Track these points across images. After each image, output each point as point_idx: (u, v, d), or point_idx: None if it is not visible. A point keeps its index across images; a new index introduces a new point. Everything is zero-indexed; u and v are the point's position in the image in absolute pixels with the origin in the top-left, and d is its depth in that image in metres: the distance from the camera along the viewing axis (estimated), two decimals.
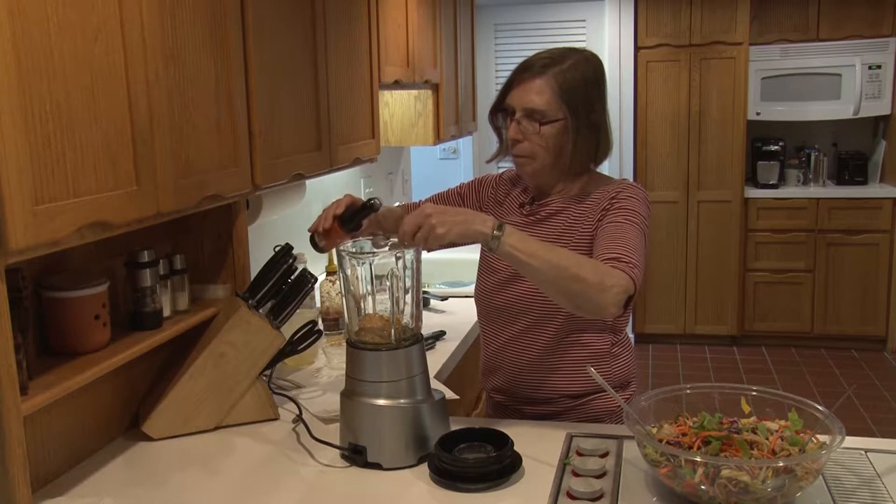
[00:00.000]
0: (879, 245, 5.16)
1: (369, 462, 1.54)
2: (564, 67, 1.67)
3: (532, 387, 1.80)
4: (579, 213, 1.72)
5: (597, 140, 1.72)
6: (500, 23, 5.52)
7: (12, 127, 1.12)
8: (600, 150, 1.75)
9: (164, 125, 1.48)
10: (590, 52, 1.74)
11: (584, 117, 1.68)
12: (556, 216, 1.75)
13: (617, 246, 1.57)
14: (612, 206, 1.67)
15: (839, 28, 5.13)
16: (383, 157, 3.49)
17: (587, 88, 1.69)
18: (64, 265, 1.59)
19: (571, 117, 1.66)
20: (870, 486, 1.39)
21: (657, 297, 5.50)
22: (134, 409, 1.79)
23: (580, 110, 1.67)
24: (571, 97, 1.66)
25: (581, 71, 1.68)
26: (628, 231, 1.61)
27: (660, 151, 5.37)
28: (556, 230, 1.74)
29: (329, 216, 1.74)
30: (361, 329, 1.60)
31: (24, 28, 1.14)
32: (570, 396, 1.78)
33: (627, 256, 1.54)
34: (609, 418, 1.78)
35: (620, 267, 1.52)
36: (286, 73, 1.98)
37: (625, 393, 1.81)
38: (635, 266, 1.54)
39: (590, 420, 1.78)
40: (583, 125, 1.68)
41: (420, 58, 3.03)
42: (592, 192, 1.73)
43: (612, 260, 1.53)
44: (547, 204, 1.77)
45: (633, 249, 1.57)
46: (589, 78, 1.69)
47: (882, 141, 5.35)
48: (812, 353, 5.28)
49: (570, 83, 1.66)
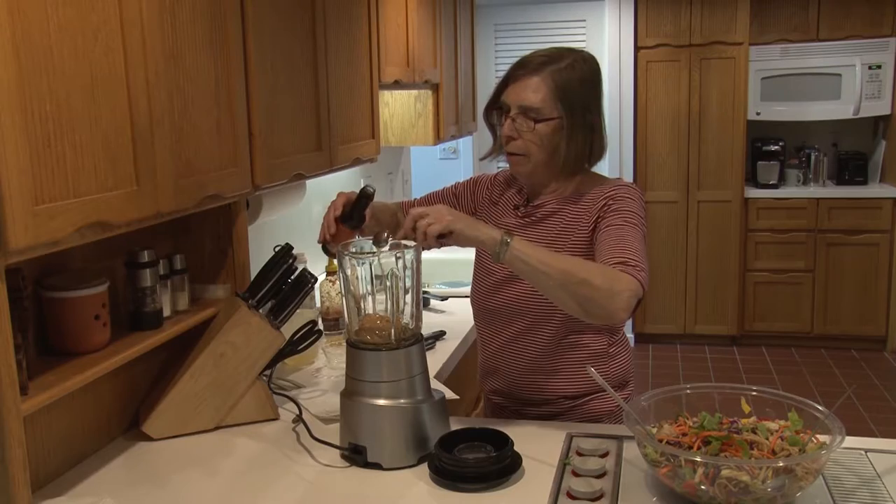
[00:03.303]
0: (879, 245, 5.16)
1: (369, 462, 1.54)
2: (562, 66, 1.67)
3: (530, 389, 1.80)
4: (575, 215, 1.71)
5: (591, 141, 1.71)
6: (500, 23, 5.52)
7: (12, 127, 1.12)
8: (594, 152, 1.74)
9: (164, 125, 1.48)
10: (587, 52, 1.74)
11: (580, 117, 1.68)
12: (551, 217, 1.74)
13: (622, 250, 1.57)
14: (609, 209, 1.66)
15: (839, 28, 5.13)
16: (383, 157, 3.49)
17: (584, 88, 1.68)
18: (64, 265, 1.59)
19: (567, 116, 1.66)
20: (870, 486, 1.39)
21: (657, 297, 5.50)
22: (134, 409, 1.79)
23: (576, 110, 1.67)
24: (567, 96, 1.66)
25: (578, 71, 1.68)
26: (630, 233, 1.60)
27: (660, 151, 5.37)
28: (553, 232, 1.73)
29: (331, 221, 1.74)
30: (361, 329, 1.60)
31: (24, 28, 1.14)
32: (569, 397, 1.78)
33: (634, 260, 1.54)
34: (608, 418, 1.78)
35: (628, 271, 1.51)
36: (286, 73, 1.98)
37: (623, 392, 1.80)
38: (642, 269, 1.54)
39: (588, 420, 1.77)
40: (578, 125, 1.67)
41: (420, 58, 3.03)
42: (587, 192, 1.72)
43: (619, 264, 1.53)
44: (542, 205, 1.76)
45: (637, 252, 1.57)
46: (586, 78, 1.69)
47: (882, 141, 5.35)
48: (812, 353, 5.28)
49: (566, 82, 1.66)
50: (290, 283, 1.85)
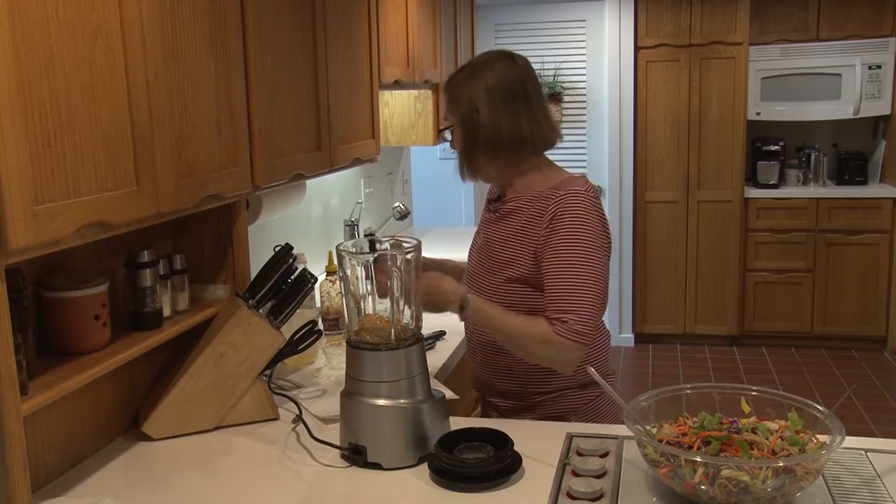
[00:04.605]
0: (879, 245, 5.16)
1: (369, 462, 1.54)
2: (454, 76, 1.83)
3: (502, 383, 1.87)
4: (531, 215, 1.76)
5: (494, 138, 1.76)
6: (500, 23, 5.52)
7: (12, 127, 1.12)
8: (505, 146, 1.76)
9: (164, 125, 1.48)
10: (493, 51, 1.82)
11: (470, 116, 1.77)
12: (512, 214, 1.81)
13: (562, 298, 1.66)
14: (558, 224, 1.70)
15: (839, 28, 5.13)
16: (383, 157, 3.49)
17: (469, 85, 1.77)
18: (64, 265, 1.59)
19: (460, 119, 1.80)
20: (870, 486, 1.39)
21: (657, 298, 5.50)
22: (134, 409, 1.79)
23: (464, 109, 1.78)
24: (455, 99, 1.80)
25: (466, 72, 1.80)
26: (574, 271, 1.66)
27: (660, 151, 5.37)
28: (512, 228, 1.80)
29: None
30: (361, 329, 1.60)
31: (24, 28, 1.14)
32: (539, 393, 1.83)
33: (574, 312, 1.64)
34: (574, 416, 1.82)
35: (564, 333, 1.63)
36: (286, 73, 1.98)
37: (600, 388, 1.81)
38: (578, 323, 1.64)
39: (560, 413, 1.82)
40: (472, 123, 1.77)
41: (420, 58, 3.03)
42: (543, 190, 1.77)
43: (558, 322, 1.64)
44: (507, 202, 1.83)
45: (580, 297, 1.65)
46: (474, 76, 1.78)
47: (882, 141, 5.35)
48: (812, 353, 5.28)
49: (453, 88, 1.81)
50: (290, 283, 1.85)
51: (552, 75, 5.41)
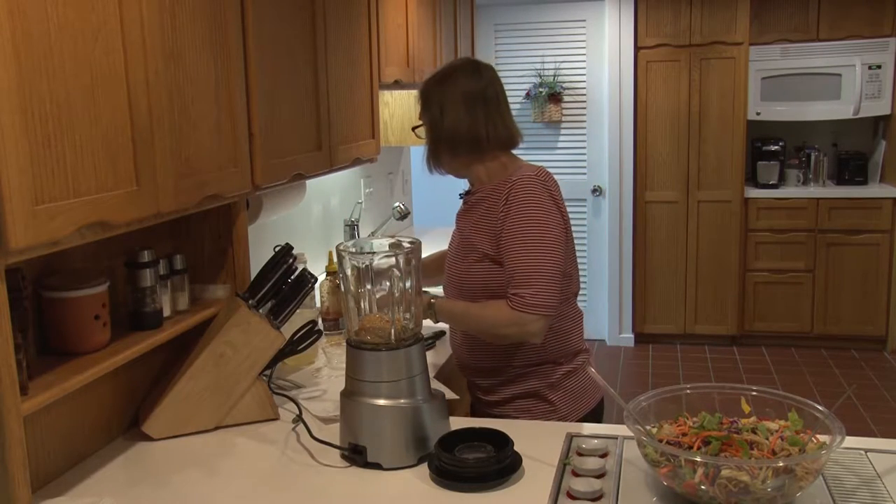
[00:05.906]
0: (879, 245, 5.16)
1: (369, 462, 1.54)
2: (427, 84, 1.98)
3: (481, 362, 1.97)
4: (490, 204, 1.90)
5: (454, 137, 1.92)
6: (500, 23, 5.52)
7: (12, 127, 1.12)
8: (464, 145, 1.91)
9: (164, 125, 1.48)
10: (462, 63, 1.98)
11: (435, 116, 1.94)
12: (478, 205, 1.94)
13: (520, 274, 1.78)
14: (511, 208, 1.83)
15: (839, 28, 5.12)
16: (383, 157, 3.49)
17: (439, 87, 1.95)
18: (64, 265, 1.59)
19: (427, 118, 1.97)
20: (870, 486, 1.39)
21: (657, 297, 5.50)
22: (134, 409, 1.79)
23: (433, 110, 1.94)
24: (424, 101, 1.98)
25: (437, 77, 1.97)
26: (528, 246, 1.79)
27: (660, 151, 5.37)
28: (478, 215, 1.93)
29: None
30: (361, 329, 1.60)
31: (24, 28, 1.14)
32: (514, 367, 1.93)
33: (529, 286, 1.76)
34: (550, 391, 1.92)
35: (520, 307, 1.76)
36: (286, 73, 1.98)
37: (573, 364, 1.94)
38: (539, 296, 1.76)
39: (534, 388, 1.92)
40: (437, 123, 1.94)
41: (420, 58, 3.03)
42: (503, 179, 1.90)
43: (515, 297, 1.77)
44: (474, 194, 1.98)
45: (534, 272, 1.77)
46: (442, 79, 1.95)
47: (882, 141, 5.35)
48: (812, 353, 5.28)
49: (423, 92, 1.98)
50: (290, 283, 1.85)
51: (552, 75, 5.40)
